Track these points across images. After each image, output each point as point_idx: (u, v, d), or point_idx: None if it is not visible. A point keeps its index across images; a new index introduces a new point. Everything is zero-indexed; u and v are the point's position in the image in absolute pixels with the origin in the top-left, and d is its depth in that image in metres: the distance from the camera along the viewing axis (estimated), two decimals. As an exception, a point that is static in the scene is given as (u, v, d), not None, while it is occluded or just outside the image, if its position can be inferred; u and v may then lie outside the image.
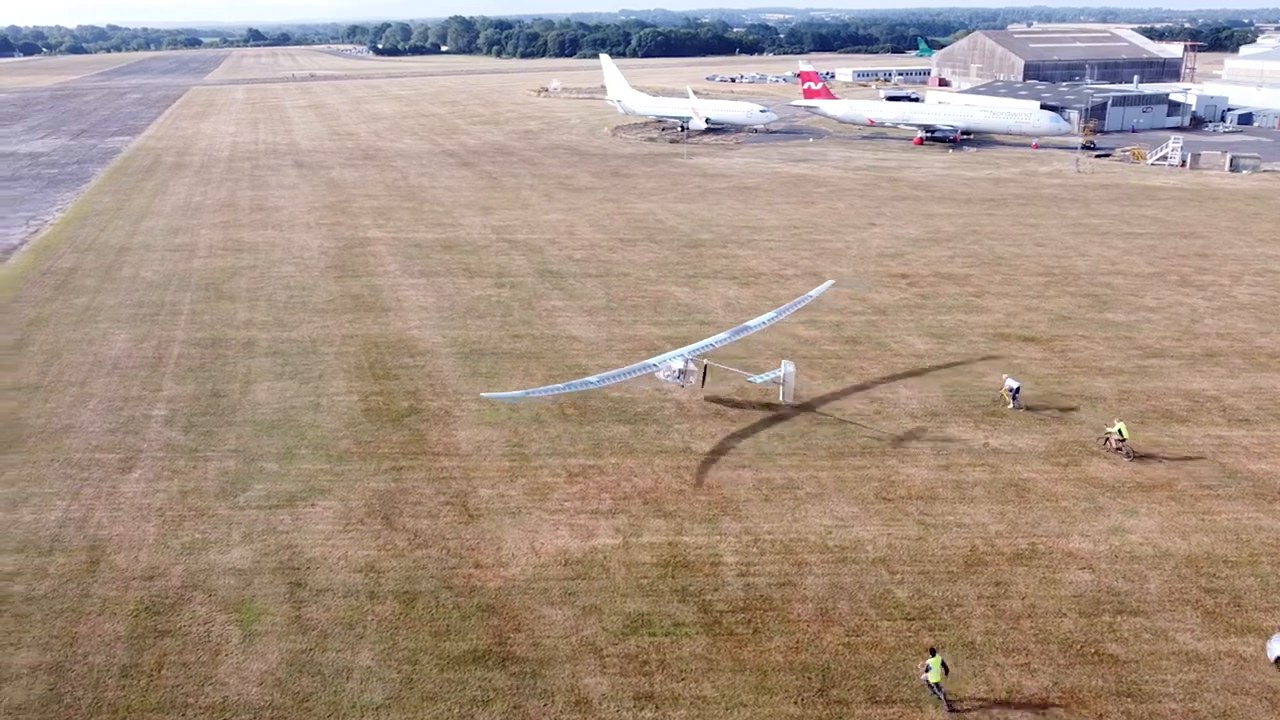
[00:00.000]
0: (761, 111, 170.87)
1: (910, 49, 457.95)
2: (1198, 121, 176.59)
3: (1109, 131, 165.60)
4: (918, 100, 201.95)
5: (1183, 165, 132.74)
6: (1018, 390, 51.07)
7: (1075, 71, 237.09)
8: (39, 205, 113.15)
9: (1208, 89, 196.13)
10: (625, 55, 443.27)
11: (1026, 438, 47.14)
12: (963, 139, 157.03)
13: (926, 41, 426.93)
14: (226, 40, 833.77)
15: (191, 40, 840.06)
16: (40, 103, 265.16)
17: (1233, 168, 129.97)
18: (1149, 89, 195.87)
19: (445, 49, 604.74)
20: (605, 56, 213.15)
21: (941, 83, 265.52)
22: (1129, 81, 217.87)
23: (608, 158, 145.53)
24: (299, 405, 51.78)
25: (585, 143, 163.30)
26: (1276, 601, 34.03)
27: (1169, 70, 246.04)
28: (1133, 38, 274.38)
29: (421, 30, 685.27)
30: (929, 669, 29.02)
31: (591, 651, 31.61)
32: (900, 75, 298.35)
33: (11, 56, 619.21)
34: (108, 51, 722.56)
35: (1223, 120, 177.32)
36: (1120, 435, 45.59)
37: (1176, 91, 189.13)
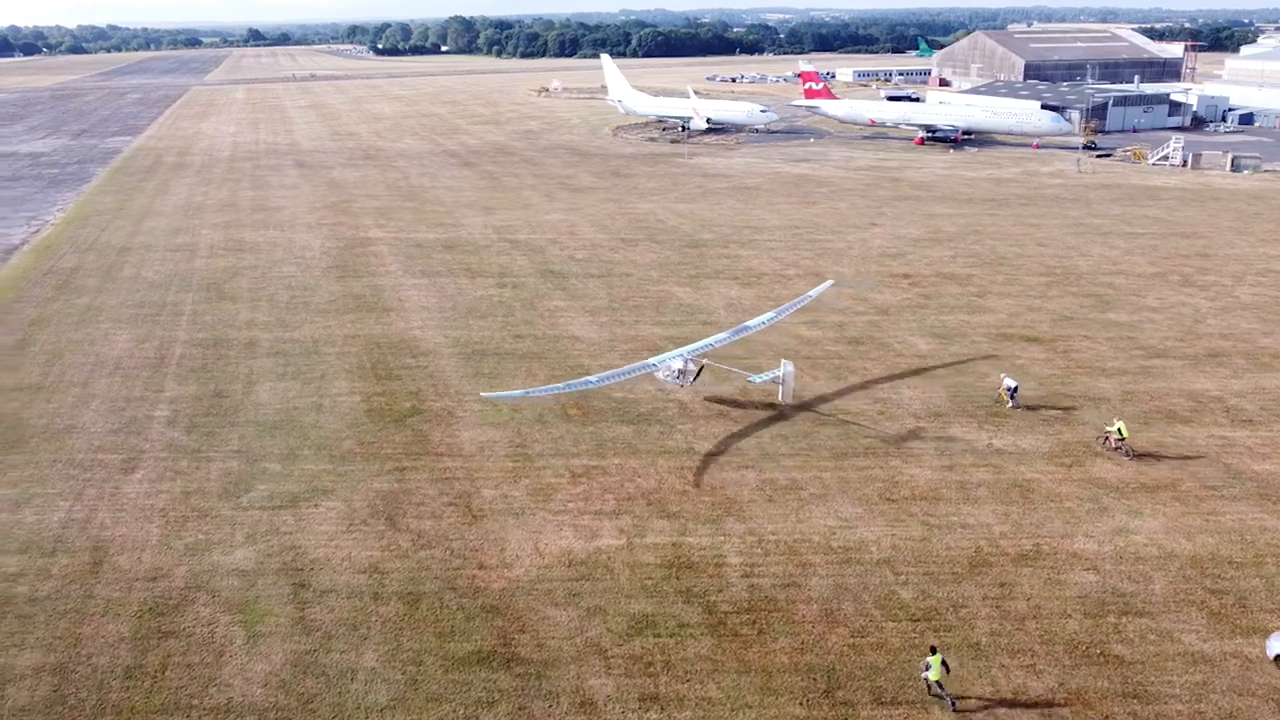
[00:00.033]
0: (762, 111, 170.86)
1: (910, 49, 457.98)
2: (1199, 121, 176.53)
3: (1110, 131, 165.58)
4: (918, 100, 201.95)
5: (1184, 165, 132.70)
6: (1015, 389, 51.13)
7: (1076, 71, 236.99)
8: (40, 205, 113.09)
9: (1208, 89, 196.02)
10: (625, 55, 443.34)
11: (1030, 438, 47.09)
12: (964, 139, 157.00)
13: (927, 41, 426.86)
14: (226, 40, 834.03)
15: (191, 40, 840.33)
16: (41, 103, 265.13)
17: (1234, 168, 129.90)
18: (1150, 89, 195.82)
19: (445, 49, 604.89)
20: (606, 56, 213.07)
21: (942, 83, 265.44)
22: (1129, 81, 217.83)
23: (609, 158, 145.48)
24: (301, 406, 51.74)
25: (586, 143, 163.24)
26: (1282, 602, 34.02)
27: (1169, 70, 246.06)
28: (1133, 38, 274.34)
29: (422, 30, 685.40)
30: (929, 667, 29.06)
31: (596, 653, 31.56)
32: (901, 75, 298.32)
33: (11, 56, 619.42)
34: (108, 51, 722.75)
35: (1224, 120, 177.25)
36: (1120, 434, 45.61)
37: (1177, 91, 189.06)
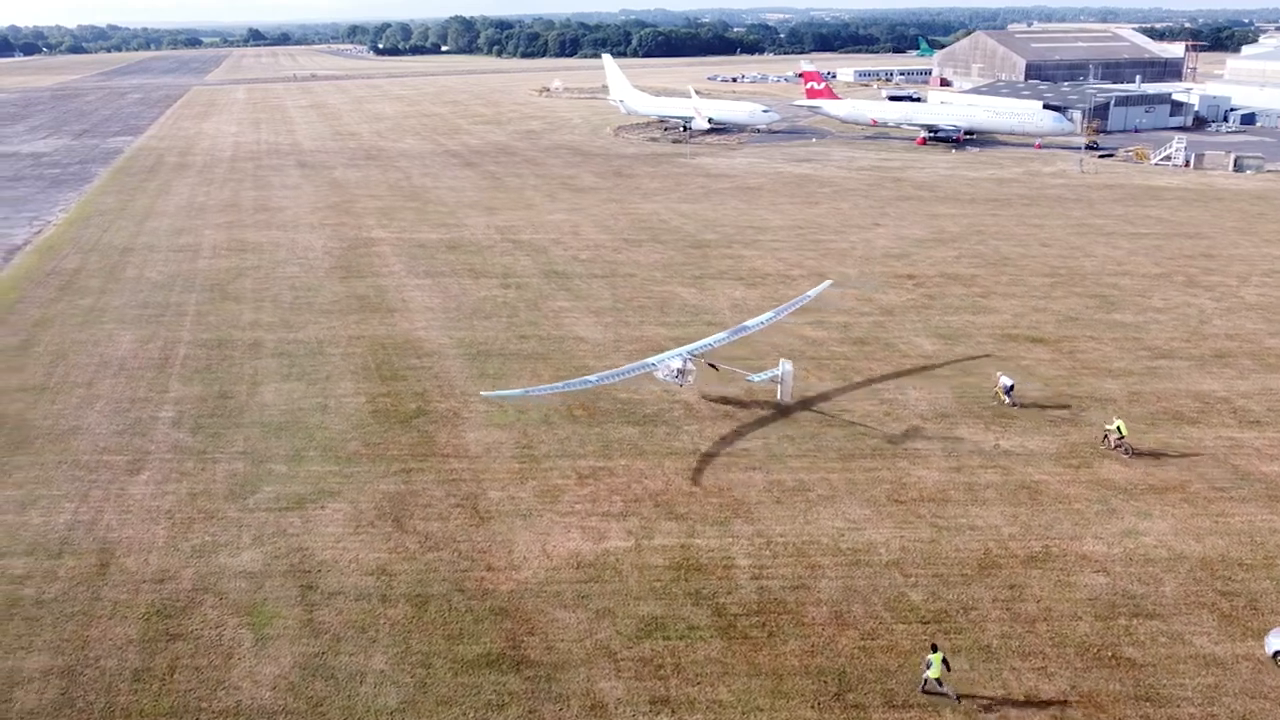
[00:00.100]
0: (764, 111, 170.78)
1: (911, 49, 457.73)
2: (1200, 121, 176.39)
3: (1112, 131, 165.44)
4: (920, 100, 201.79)
5: (1186, 165, 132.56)
6: (1012, 388, 51.33)
7: (1077, 71, 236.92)
8: (42, 205, 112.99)
9: (1210, 89, 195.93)
10: (626, 55, 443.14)
11: (1037, 439, 46.99)
12: (965, 139, 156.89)
13: (927, 41, 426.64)
14: (227, 40, 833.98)
15: (192, 40, 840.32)
16: (41, 103, 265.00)
17: (1236, 168, 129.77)
18: (1151, 89, 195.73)
19: (446, 49, 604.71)
20: (607, 56, 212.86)
21: (943, 82, 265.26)
22: (1131, 81, 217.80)
23: (610, 158, 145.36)
24: (306, 407, 51.64)
25: (588, 143, 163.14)
26: (1292, 604, 33.92)
27: (1171, 70, 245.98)
28: (1134, 37, 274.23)
29: (422, 30, 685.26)
30: (930, 665, 29.07)
31: (606, 655, 31.45)
32: (902, 75, 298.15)
33: (12, 56, 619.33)
34: (108, 51, 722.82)
35: (1225, 120, 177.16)
36: (1119, 433, 45.63)
37: (1179, 91, 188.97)
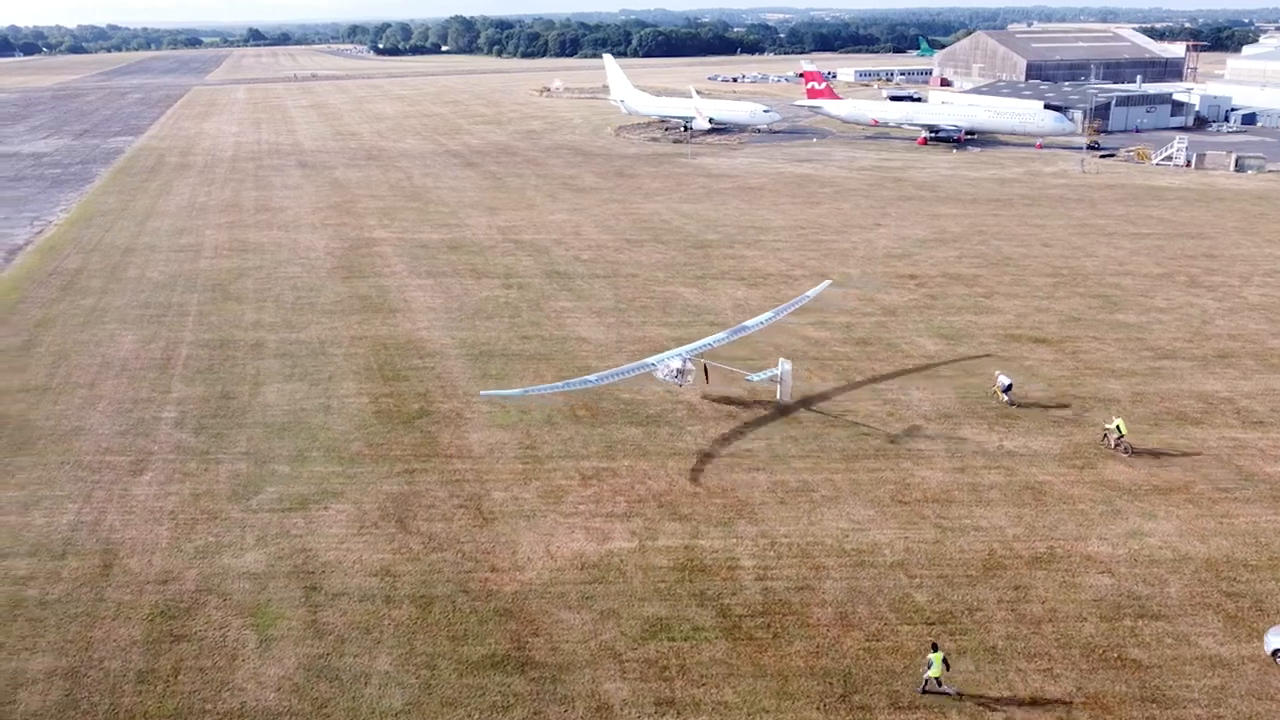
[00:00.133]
0: (765, 111, 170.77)
1: (911, 49, 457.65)
2: (1201, 121, 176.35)
3: (1113, 131, 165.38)
4: (920, 100, 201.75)
5: (1188, 165, 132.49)
6: (1010, 386, 51.46)
7: (1077, 71, 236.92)
8: (43, 206, 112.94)
9: (1211, 89, 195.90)
10: (626, 55, 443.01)
11: (1041, 440, 46.93)
12: (967, 139, 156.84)
13: (928, 41, 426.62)
14: (227, 40, 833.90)
15: (192, 40, 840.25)
16: (42, 103, 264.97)
17: (1238, 168, 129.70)
18: (1152, 89, 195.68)
19: (446, 49, 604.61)
20: (608, 56, 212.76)
21: (944, 83, 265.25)
22: (1131, 81, 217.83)
23: (612, 158, 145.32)
24: (309, 407, 51.58)
25: (589, 143, 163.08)
26: (1298, 605, 33.86)
27: (1171, 70, 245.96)
28: (1135, 37, 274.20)
29: (422, 30, 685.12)
30: (930, 665, 29.11)
31: (611, 656, 31.40)
32: (902, 75, 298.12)
33: (12, 56, 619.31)
34: (108, 51, 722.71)
35: (1226, 120, 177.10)
36: (1119, 431, 45.68)
37: (1180, 91, 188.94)
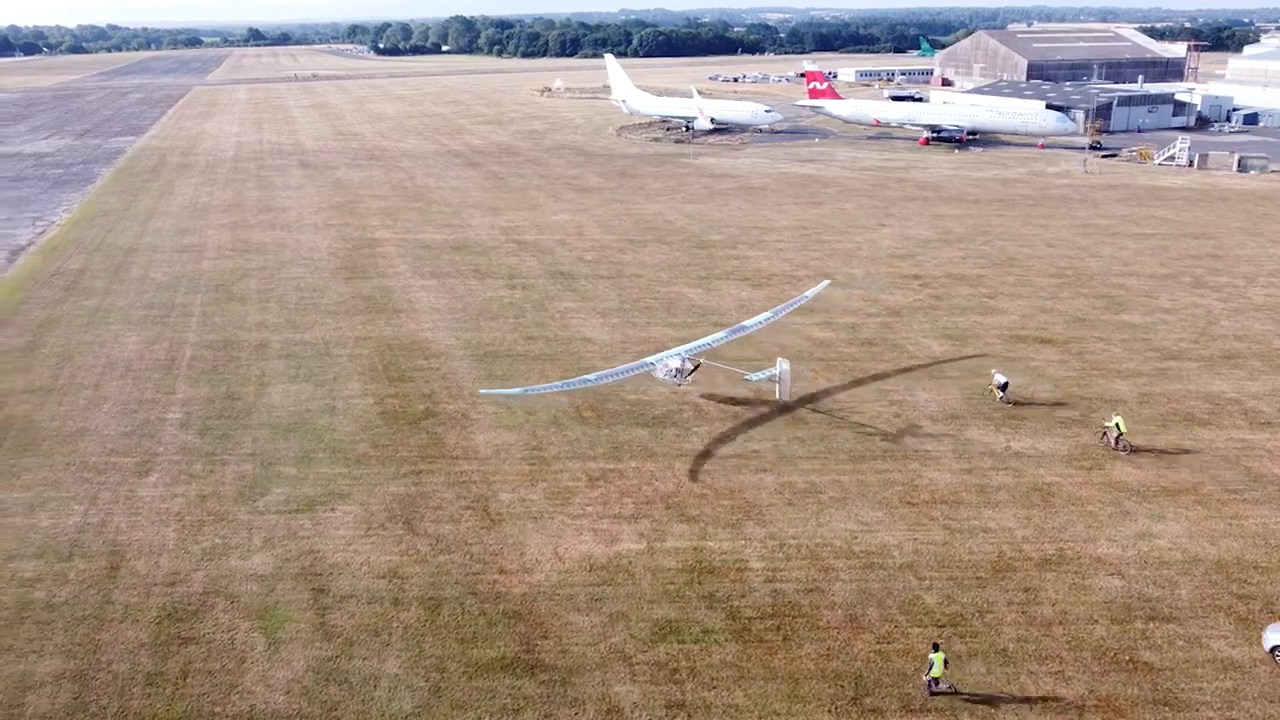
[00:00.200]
0: (766, 111, 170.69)
1: (911, 49, 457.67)
2: (1203, 121, 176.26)
3: (1114, 131, 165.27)
4: (922, 100, 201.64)
5: (1190, 165, 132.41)
6: (1006, 385, 51.56)
7: (1078, 71, 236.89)
8: (45, 206, 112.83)
9: (1213, 89, 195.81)
10: (626, 55, 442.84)
11: (1048, 441, 46.82)
12: (969, 139, 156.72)
13: (928, 41, 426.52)
14: (227, 40, 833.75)
15: (192, 40, 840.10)
16: (43, 103, 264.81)
17: (1240, 168, 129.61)
18: (1154, 89, 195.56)
19: (446, 49, 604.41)
20: (610, 56, 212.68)
21: (944, 82, 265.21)
22: (1133, 81, 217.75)
23: (614, 158, 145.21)
24: (314, 408, 51.47)
25: (590, 143, 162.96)
26: (1309, 607, 33.75)
27: (1172, 70, 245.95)
28: (1136, 37, 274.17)
29: (422, 30, 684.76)
30: (932, 665, 29.13)
31: (621, 659, 31.29)
32: (903, 75, 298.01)
33: (12, 56, 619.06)
34: (108, 51, 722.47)
35: (1228, 120, 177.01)
36: (1118, 430, 45.68)
37: (1182, 91, 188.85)
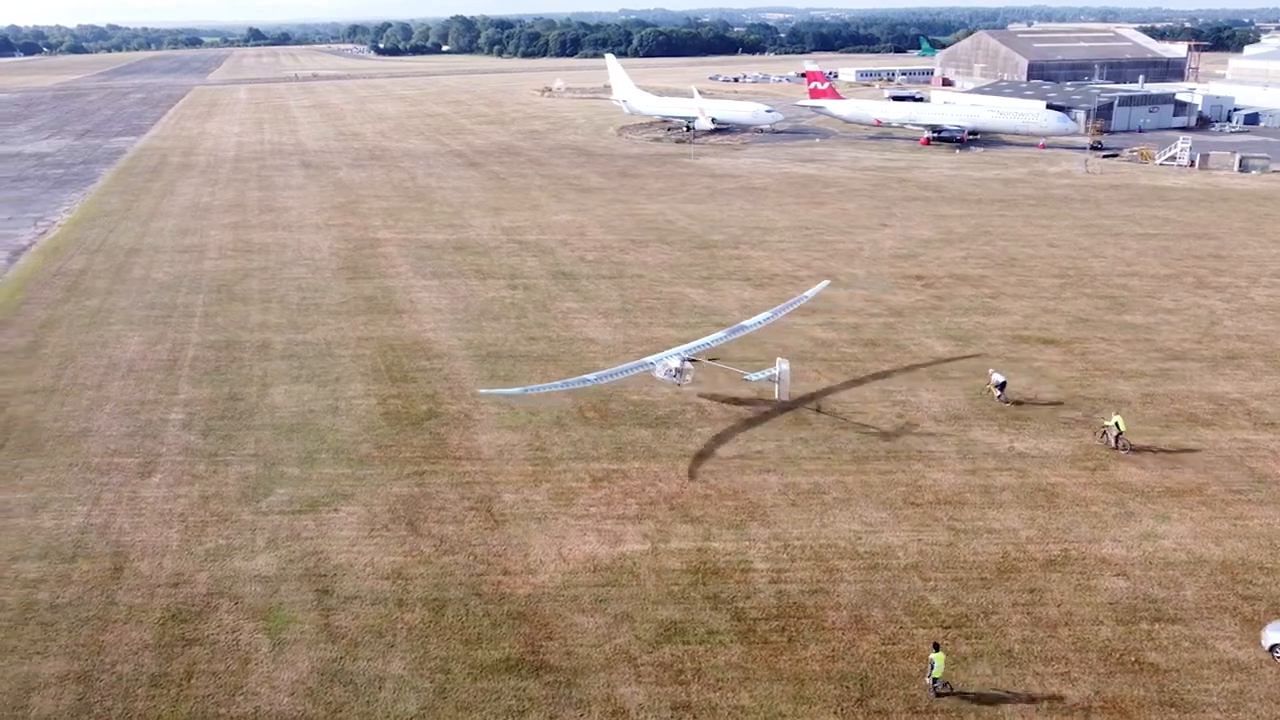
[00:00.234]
0: (767, 111, 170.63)
1: (912, 48, 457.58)
2: (1204, 121, 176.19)
3: (1115, 131, 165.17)
4: (923, 100, 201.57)
5: (1191, 165, 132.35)
6: (1004, 384, 51.67)
7: (1079, 71, 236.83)
8: (46, 206, 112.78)
9: (1213, 89, 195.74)
10: (626, 55, 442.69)
11: (1052, 441, 46.77)
12: (970, 139, 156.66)
13: (929, 41, 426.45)
14: (227, 40, 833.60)
15: (192, 40, 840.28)
16: (43, 103, 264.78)
17: (1242, 168, 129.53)
18: (1155, 89, 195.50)
19: (446, 49, 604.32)
20: (611, 56, 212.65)
21: (945, 82, 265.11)
22: (1133, 81, 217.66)
23: (615, 158, 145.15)
24: (317, 409, 51.42)
25: (591, 143, 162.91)
26: (1315, 609, 33.69)
27: (1173, 70, 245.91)
28: (1136, 37, 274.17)
29: (422, 30, 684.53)
30: (933, 665, 29.16)
31: (626, 660, 31.24)
32: (904, 75, 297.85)
33: (12, 56, 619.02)
34: (108, 51, 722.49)
35: (1229, 120, 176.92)
36: (1117, 428, 45.73)
37: (1183, 91, 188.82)
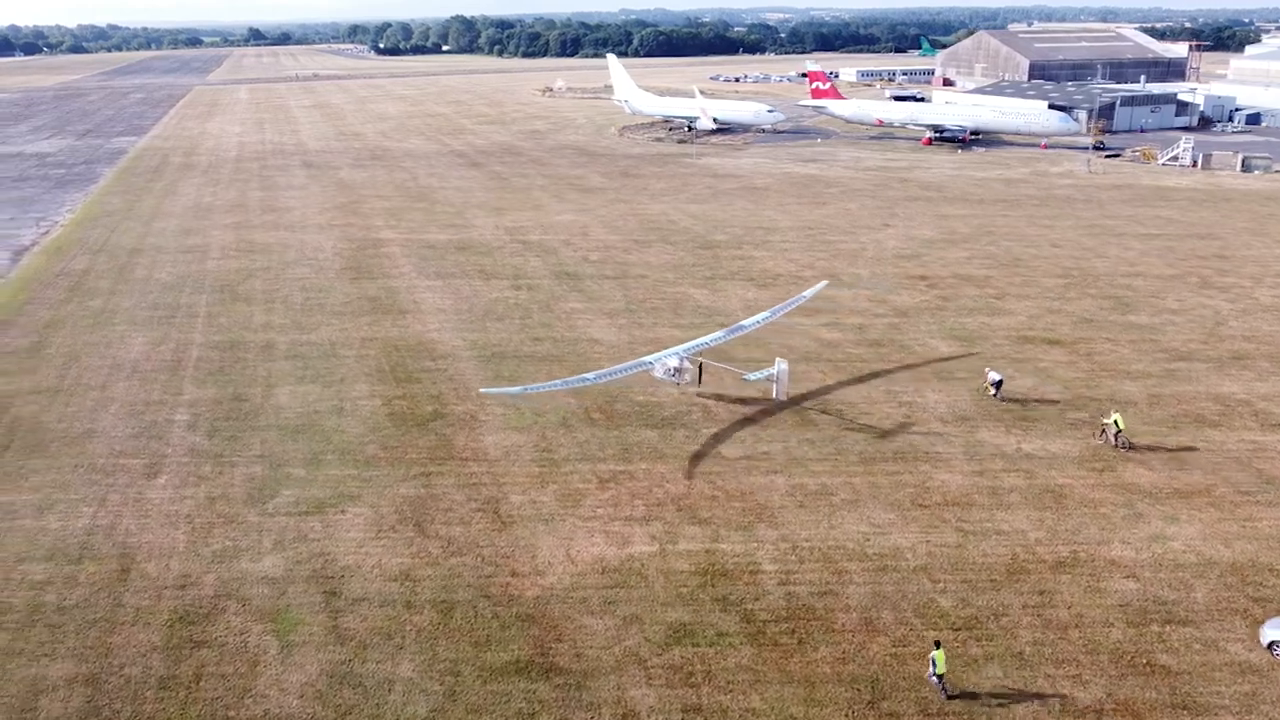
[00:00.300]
0: (769, 111, 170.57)
1: (912, 48, 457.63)
2: (1205, 121, 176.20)
3: (1117, 131, 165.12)
4: (924, 100, 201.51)
5: (1194, 165, 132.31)
6: (1000, 382, 51.75)
7: (1080, 71, 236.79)
8: (48, 206, 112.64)
9: (1215, 89, 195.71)
10: (627, 55, 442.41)
11: (1059, 442, 46.67)
12: (971, 139, 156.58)
13: (929, 41, 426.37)
14: (227, 40, 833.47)
15: (192, 40, 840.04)
16: (44, 103, 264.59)
17: (1244, 168, 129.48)
18: (1156, 89, 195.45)
19: (447, 48, 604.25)
20: (612, 56, 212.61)
21: (946, 82, 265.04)
22: (1135, 81, 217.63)
23: (616, 158, 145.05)
24: (322, 409, 51.31)
25: (593, 143, 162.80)
26: (1325, 610, 33.59)
27: (1174, 70, 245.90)
28: (1137, 37, 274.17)
29: (423, 30, 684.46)
30: (935, 663, 29.13)
31: (636, 662, 31.14)
32: (904, 75, 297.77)
33: (12, 56, 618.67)
34: (108, 51, 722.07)
35: (1231, 120, 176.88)
36: (1117, 426, 45.75)
37: (1184, 91, 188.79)
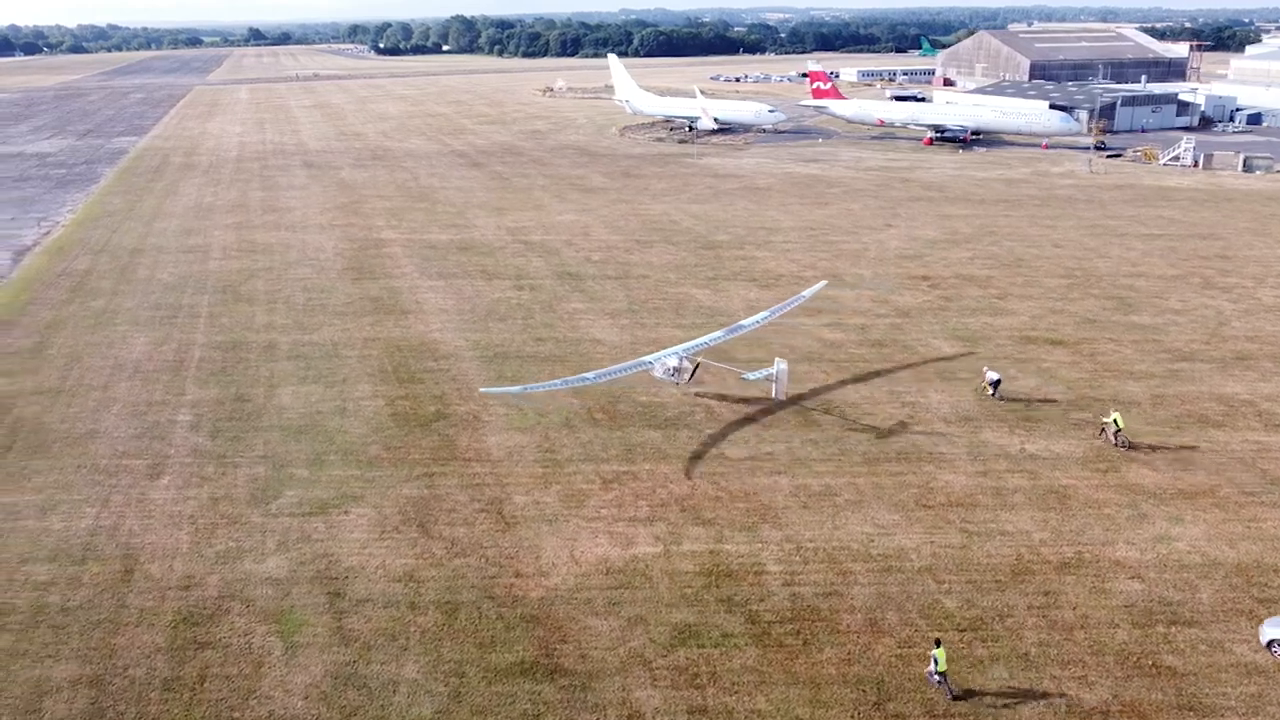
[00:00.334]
0: (770, 111, 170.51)
1: (912, 48, 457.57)
2: (1206, 121, 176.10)
3: (1118, 131, 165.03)
4: (924, 100, 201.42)
5: (1195, 165, 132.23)
6: (998, 382, 51.83)
7: (1081, 71, 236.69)
8: (49, 206, 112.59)
9: (1215, 89, 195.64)
10: (627, 55, 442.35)
11: (1063, 443, 46.62)
12: (972, 139, 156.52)
13: (929, 41, 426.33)
14: (227, 40, 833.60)
15: (192, 40, 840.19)
16: (44, 103, 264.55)
17: (1246, 168, 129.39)
18: (1157, 89, 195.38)
19: (447, 48, 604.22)
20: (613, 56, 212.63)
21: (946, 82, 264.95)
22: (1135, 81, 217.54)
23: (617, 158, 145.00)
24: (325, 410, 51.27)
25: (594, 143, 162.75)
26: (1331, 611, 33.53)
27: (1175, 70, 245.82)
28: (1138, 37, 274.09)
29: (423, 30, 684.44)
30: (936, 661, 29.11)
31: (640, 663, 31.09)
32: (905, 75, 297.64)
33: (12, 56, 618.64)
34: (108, 51, 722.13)
35: (1232, 120, 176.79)
36: (1116, 425, 45.77)
37: (1185, 91, 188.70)
